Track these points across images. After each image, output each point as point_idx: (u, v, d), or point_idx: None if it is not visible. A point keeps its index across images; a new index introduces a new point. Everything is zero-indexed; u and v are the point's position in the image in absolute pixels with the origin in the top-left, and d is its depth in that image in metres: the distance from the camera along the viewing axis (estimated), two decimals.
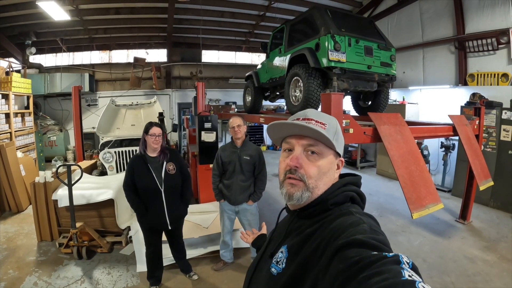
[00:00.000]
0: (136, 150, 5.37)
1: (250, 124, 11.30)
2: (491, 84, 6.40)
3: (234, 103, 11.38)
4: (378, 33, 4.24)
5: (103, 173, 5.72)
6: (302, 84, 3.79)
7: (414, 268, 0.57)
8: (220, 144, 3.74)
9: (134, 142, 6.10)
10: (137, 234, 3.68)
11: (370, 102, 4.70)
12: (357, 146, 9.15)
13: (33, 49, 8.90)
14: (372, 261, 0.58)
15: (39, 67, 9.66)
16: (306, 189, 0.85)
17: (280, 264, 0.84)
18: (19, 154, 6.06)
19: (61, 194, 3.89)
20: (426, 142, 6.81)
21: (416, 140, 3.93)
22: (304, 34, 4.14)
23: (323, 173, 0.87)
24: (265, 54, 5.45)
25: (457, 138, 5.83)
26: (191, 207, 4.33)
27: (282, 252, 0.86)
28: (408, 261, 0.58)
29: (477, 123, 4.65)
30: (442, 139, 6.53)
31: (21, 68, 8.92)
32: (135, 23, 9.77)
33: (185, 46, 11.31)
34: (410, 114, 7.06)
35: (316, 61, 3.63)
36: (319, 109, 3.32)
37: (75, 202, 3.73)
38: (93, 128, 7.11)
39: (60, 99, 10.44)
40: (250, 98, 5.93)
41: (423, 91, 7.85)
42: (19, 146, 6.88)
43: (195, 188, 5.51)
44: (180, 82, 11.71)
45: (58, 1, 6.39)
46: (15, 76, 7.17)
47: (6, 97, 6.68)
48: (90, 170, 5.60)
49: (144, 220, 2.86)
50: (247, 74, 6.03)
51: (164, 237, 3.12)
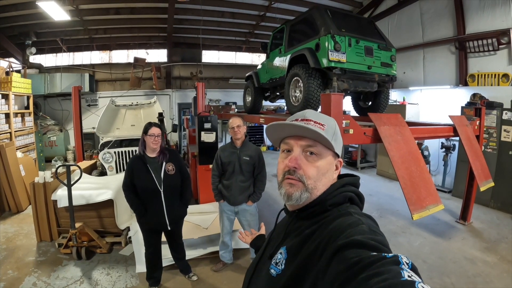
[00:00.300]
0: (135, 151, 5.37)
1: (250, 125, 11.29)
2: (491, 85, 6.39)
3: (234, 103, 11.36)
4: (378, 33, 4.23)
5: (103, 173, 5.72)
6: (302, 85, 3.78)
7: (413, 268, 0.57)
8: (220, 145, 3.73)
9: (134, 142, 6.09)
10: (137, 234, 3.67)
11: (370, 103, 4.68)
12: (357, 146, 9.14)
13: (33, 49, 8.89)
14: (371, 262, 0.58)
15: (39, 67, 9.66)
16: (305, 190, 0.85)
17: (279, 265, 0.84)
18: (19, 154, 6.05)
19: (60, 194, 3.88)
20: (427, 142, 6.80)
21: (417, 141, 3.91)
22: (304, 34, 4.13)
23: (322, 174, 0.87)
24: (265, 54, 5.45)
25: (457, 138, 5.82)
26: (191, 208, 4.32)
27: (281, 253, 0.86)
28: (408, 262, 0.58)
29: (477, 123, 4.64)
30: (443, 140, 6.52)
31: (21, 68, 8.92)
32: (135, 23, 9.78)
33: (185, 46, 11.30)
34: (411, 114, 7.05)
35: (316, 61, 3.62)
36: (319, 109, 3.32)
37: (75, 203, 3.73)
38: (93, 128, 7.11)
39: (60, 99, 10.44)
40: (250, 99, 5.92)
41: (424, 91, 7.84)
42: (19, 146, 6.88)
43: (194, 188, 5.50)
44: (180, 83, 11.70)
45: (58, 1, 6.39)
46: (15, 76, 7.17)
47: (6, 97, 6.67)
48: (89, 170, 5.60)
49: (143, 221, 2.86)
50: (247, 75, 6.02)
51: (163, 238, 3.12)
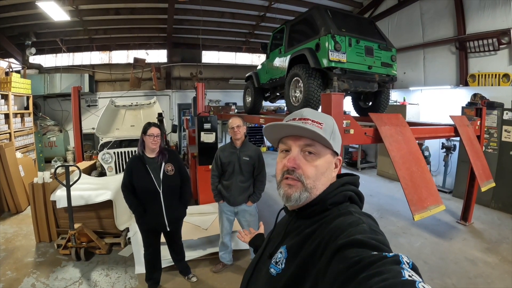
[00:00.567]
0: (135, 151, 5.36)
1: (250, 125, 11.27)
2: (492, 85, 6.38)
3: (234, 103, 11.34)
4: (378, 33, 4.22)
5: (103, 174, 5.70)
6: (302, 85, 3.77)
7: (414, 268, 0.57)
8: (220, 145, 3.72)
9: (134, 143, 6.07)
10: (136, 235, 3.65)
11: (370, 103, 4.67)
12: (358, 147, 9.13)
13: (33, 50, 8.89)
14: (372, 261, 0.58)
15: (39, 67, 9.65)
16: (304, 190, 0.85)
17: (279, 265, 0.83)
18: (18, 154, 6.04)
19: (59, 195, 3.86)
20: (427, 143, 6.79)
21: (417, 141, 3.90)
22: (304, 35, 4.12)
23: (321, 173, 0.87)
24: (265, 55, 5.44)
25: (458, 139, 5.82)
26: (190, 208, 4.30)
27: (281, 252, 0.86)
28: (408, 261, 0.58)
29: (478, 123, 4.62)
30: (443, 140, 6.51)
31: (21, 68, 8.91)
32: (135, 23, 9.76)
33: (185, 47, 11.29)
34: (411, 115, 7.03)
35: (316, 62, 3.61)
36: (320, 109, 3.31)
37: (74, 203, 3.71)
38: (93, 128, 7.10)
39: (60, 99, 10.43)
40: (250, 99, 5.91)
41: (424, 91, 7.83)
42: (19, 146, 6.87)
43: (194, 189, 5.48)
44: (180, 83, 11.69)
45: (57, 2, 6.38)
46: (15, 77, 7.17)
47: (5, 97, 6.67)
48: (89, 170, 5.58)
49: (142, 222, 2.84)
50: (247, 75, 6.01)
51: (162, 239, 3.10)
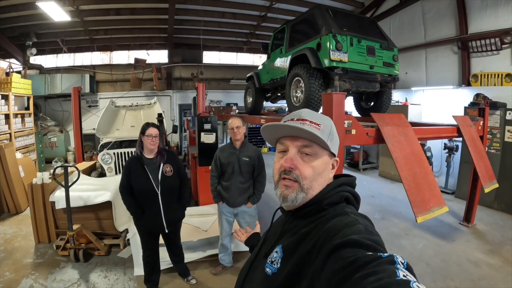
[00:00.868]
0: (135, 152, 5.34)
1: (251, 126, 11.24)
2: (494, 85, 6.33)
3: (236, 104, 11.31)
4: (380, 32, 4.18)
5: (102, 174, 5.67)
6: (303, 85, 3.74)
7: (408, 268, 0.57)
8: (220, 146, 3.68)
9: (134, 143, 6.00)
10: (135, 236, 3.60)
11: (372, 103, 4.64)
12: (359, 147, 9.08)
13: (34, 50, 8.89)
14: (367, 261, 0.58)
15: (39, 68, 9.66)
16: (301, 190, 0.85)
17: (275, 264, 0.84)
18: (19, 155, 6.03)
19: (58, 196, 3.84)
20: (429, 143, 6.74)
21: (419, 142, 3.86)
22: (305, 34, 4.09)
23: (318, 174, 0.87)
24: (266, 55, 5.41)
25: (460, 139, 5.77)
26: (190, 210, 4.28)
27: (277, 252, 0.86)
28: (403, 261, 0.58)
29: (481, 124, 4.58)
30: (445, 141, 6.46)
31: (21, 69, 8.91)
32: (136, 24, 9.74)
33: (186, 47, 11.26)
34: (413, 115, 6.99)
35: (317, 61, 3.58)
36: (321, 110, 3.27)
37: (73, 204, 3.69)
38: (94, 129, 7.08)
39: (60, 100, 10.43)
40: (251, 99, 5.89)
41: (426, 92, 7.79)
42: (19, 147, 6.87)
43: (195, 190, 5.45)
44: (181, 83, 11.67)
45: (58, 2, 6.36)
46: (15, 77, 7.16)
47: (6, 97, 6.66)
48: (89, 171, 5.56)
49: (140, 223, 2.80)
50: (248, 75, 5.98)
51: (161, 240, 3.06)
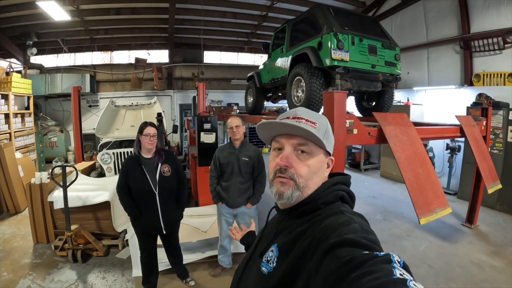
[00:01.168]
0: None
1: (252, 126, 11.19)
2: (497, 84, 6.27)
3: (236, 104, 11.28)
4: (382, 31, 4.14)
5: (102, 174, 5.64)
6: (304, 84, 3.70)
7: (405, 267, 0.57)
8: (220, 145, 3.65)
9: (133, 143, 6.01)
10: (134, 237, 3.55)
11: (374, 103, 4.59)
12: (361, 147, 9.03)
13: (34, 50, 8.88)
14: (363, 261, 0.58)
15: (40, 67, 9.64)
16: (297, 188, 0.85)
17: (270, 263, 0.84)
18: (18, 155, 6.01)
19: (56, 196, 3.81)
20: (431, 143, 6.69)
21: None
22: (306, 33, 4.05)
23: (314, 172, 0.87)
24: (267, 55, 5.37)
25: (462, 139, 5.72)
26: (190, 210, 4.25)
27: (272, 251, 0.86)
28: (399, 260, 0.58)
29: (484, 124, 4.52)
30: (448, 141, 6.41)
31: (22, 68, 8.90)
32: (136, 23, 9.72)
33: (187, 47, 11.23)
34: (415, 115, 6.94)
35: (318, 60, 3.54)
36: (322, 109, 3.24)
37: (71, 204, 3.66)
38: (94, 129, 7.06)
39: (61, 99, 10.41)
40: (252, 99, 5.86)
41: (428, 91, 7.72)
42: (19, 146, 6.85)
43: (194, 190, 5.42)
44: (182, 83, 11.64)
45: (58, 2, 6.33)
46: (15, 77, 7.14)
47: (5, 97, 6.64)
48: (88, 171, 5.54)
49: (137, 224, 2.77)
50: (248, 75, 5.95)
51: (159, 241, 3.03)
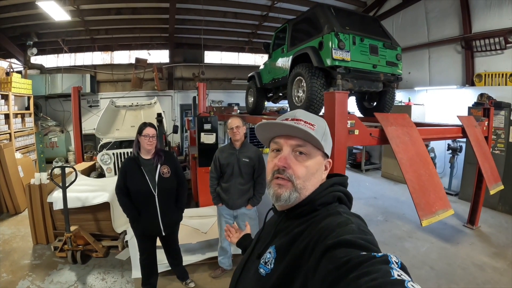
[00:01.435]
0: None
1: (252, 126, 11.17)
2: (499, 84, 6.24)
3: (237, 104, 11.24)
4: (383, 31, 4.12)
5: (102, 175, 5.62)
6: (305, 84, 3.68)
7: (403, 267, 0.57)
8: (220, 146, 3.63)
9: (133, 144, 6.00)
10: (133, 238, 3.52)
11: (375, 103, 4.57)
12: (362, 148, 9.00)
13: (35, 50, 8.87)
14: (361, 261, 0.58)
15: (40, 67, 9.63)
16: (294, 190, 0.85)
17: (268, 265, 0.84)
18: (18, 155, 6.00)
19: (56, 197, 3.79)
20: (432, 144, 6.66)
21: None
22: (307, 33, 4.03)
23: (311, 174, 0.87)
24: (267, 55, 5.35)
25: (464, 140, 5.69)
26: (190, 211, 4.23)
27: (270, 252, 0.86)
28: (397, 261, 0.58)
29: (486, 124, 4.49)
30: (449, 141, 6.38)
31: (22, 68, 8.89)
32: (137, 23, 9.70)
33: (187, 47, 11.21)
34: (416, 115, 6.91)
35: (319, 60, 3.52)
36: (323, 109, 3.22)
37: (70, 205, 3.65)
38: (94, 129, 7.05)
39: (61, 100, 10.40)
40: (252, 99, 5.84)
41: (429, 92, 7.69)
42: (19, 147, 6.84)
43: (195, 191, 5.40)
44: (183, 83, 11.61)
45: (58, 2, 6.31)
46: (15, 77, 7.12)
47: (5, 97, 6.63)
48: (88, 172, 5.52)
49: (136, 226, 2.74)
50: (249, 75, 5.93)
51: (159, 243, 3.01)
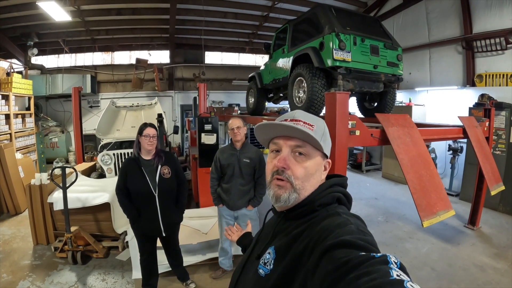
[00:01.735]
0: None
1: (253, 127, 11.15)
2: (499, 85, 6.23)
3: (238, 105, 11.23)
4: (384, 31, 4.11)
5: (102, 175, 5.62)
6: (305, 85, 3.67)
7: (402, 267, 0.57)
8: (221, 146, 3.62)
9: (134, 144, 6.00)
10: (134, 239, 3.52)
11: (376, 104, 4.56)
12: (362, 149, 8.98)
13: (35, 50, 8.88)
14: (360, 262, 0.58)
15: (41, 68, 9.64)
16: (293, 191, 0.85)
17: (267, 265, 0.84)
18: (18, 155, 5.99)
19: (56, 197, 3.79)
20: (433, 144, 6.65)
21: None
22: (308, 34, 4.02)
23: (310, 174, 0.87)
24: (268, 55, 5.35)
25: (465, 140, 5.68)
26: (190, 212, 4.22)
27: (269, 253, 0.86)
28: (396, 261, 0.58)
29: (487, 124, 4.48)
30: (450, 142, 6.37)
31: (23, 69, 8.89)
32: (137, 24, 9.70)
33: (188, 48, 11.20)
34: (417, 116, 6.91)
35: (320, 61, 3.51)
36: (324, 110, 3.21)
37: (71, 205, 3.64)
38: (95, 129, 7.05)
39: (62, 100, 10.39)
40: (253, 100, 5.84)
41: (430, 92, 7.68)
42: (19, 147, 6.84)
43: (195, 191, 5.39)
44: (183, 84, 11.61)
45: (58, 2, 6.32)
46: (16, 77, 7.12)
47: (6, 98, 6.63)
48: (88, 172, 5.52)
49: (137, 226, 2.74)
50: (250, 75, 5.93)
51: (159, 243, 3.00)
